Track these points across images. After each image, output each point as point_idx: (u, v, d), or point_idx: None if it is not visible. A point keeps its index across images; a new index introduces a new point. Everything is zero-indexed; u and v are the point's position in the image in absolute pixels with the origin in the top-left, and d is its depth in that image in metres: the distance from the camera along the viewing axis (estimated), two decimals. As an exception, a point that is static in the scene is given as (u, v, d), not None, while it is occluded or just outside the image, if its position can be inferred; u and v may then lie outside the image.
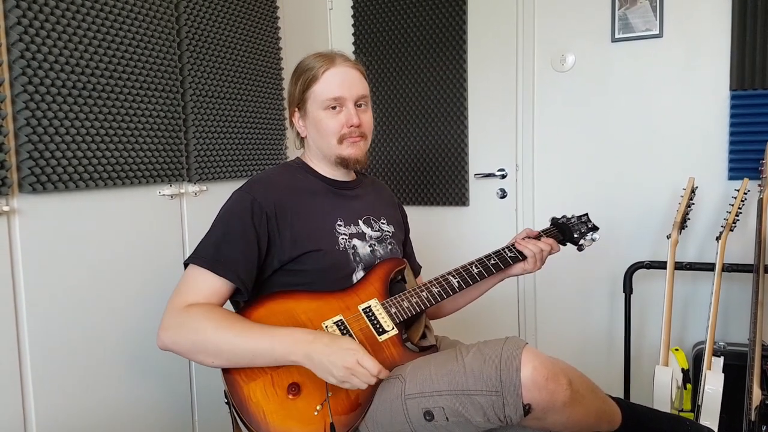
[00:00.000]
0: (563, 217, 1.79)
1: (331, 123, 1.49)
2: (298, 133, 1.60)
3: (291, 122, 1.60)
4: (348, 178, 1.61)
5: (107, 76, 1.72)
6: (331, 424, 1.25)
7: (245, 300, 1.41)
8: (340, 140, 1.50)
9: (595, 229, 1.78)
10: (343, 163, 1.54)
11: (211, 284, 1.36)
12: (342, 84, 1.49)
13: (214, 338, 1.28)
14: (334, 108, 1.49)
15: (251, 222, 1.40)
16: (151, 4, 1.86)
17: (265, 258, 1.42)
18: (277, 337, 1.29)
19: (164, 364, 1.93)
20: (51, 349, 1.60)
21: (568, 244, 1.76)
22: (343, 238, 1.50)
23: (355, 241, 1.52)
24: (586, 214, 1.81)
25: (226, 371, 1.31)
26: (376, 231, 1.58)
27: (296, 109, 1.55)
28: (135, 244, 1.84)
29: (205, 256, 1.38)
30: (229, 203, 1.47)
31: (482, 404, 1.22)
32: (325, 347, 1.24)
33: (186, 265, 1.40)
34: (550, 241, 1.65)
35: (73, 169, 1.63)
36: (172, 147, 1.95)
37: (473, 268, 1.56)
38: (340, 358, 1.21)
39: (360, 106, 1.52)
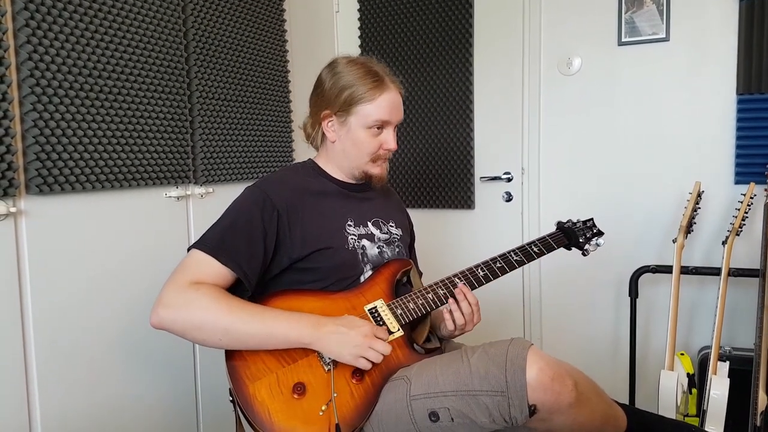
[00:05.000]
0: (569, 221, 1.80)
1: (371, 143, 1.53)
2: (322, 134, 1.58)
3: (317, 121, 1.57)
4: (358, 181, 1.62)
5: (114, 78, 1.73)
6: (337, 425, 1.25)
7: (248, 295, 1.41)
8: (374, 159, 1.55)
9: (600, 234, 1.79)
10: (367, 179, 1.59)
11: (213, 270, 1.36)
12: (391, 110, 1.53)
13: (226, 317, 1.29)
14: (377, 128, 1.52)
15: (260, 217, 1.41)
16: (158, 7, 1.87)
17: (274, 256, 1.43)
18: (291, 320, 1.32)
19: (169, 364, 1.94)
20: (56, 349, 1.60)
21: (573, 248, 1.77)
22: (352, 238, 1.51)
23: (364, 242, 1.53)
24: (592, 219, 1.82)
25: (232, 371, 1.31)
26: (384, 233, 1.60)
27: (332, 115, 1.54)
28: (141, 246, 1.85)
29: (210, 243, 1.39)
30: (240, 197, 1.48)
31: (487, 405, 1.22)
32: (339, 326, 1.32)
33: (189, 251, 1.40)
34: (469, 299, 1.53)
35: (80, 171, 1.63)
36: (179, 149, 1.95)
37: (479, 270, 1.56)
38: (356, 332, 1.31)
39: (395, 128, 1.57)
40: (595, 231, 1.80)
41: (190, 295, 1.31)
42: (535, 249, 1.65)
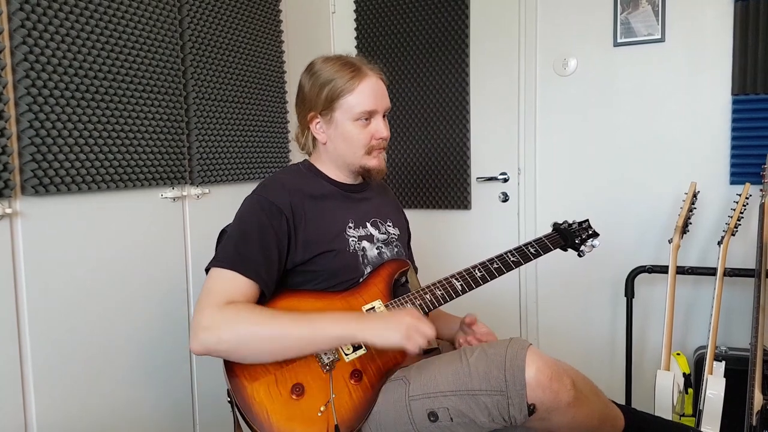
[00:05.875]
0: (564, 222, 1.80)
1: (362, 135, 1.50)
2: (313, 138, 1.57)
3: (305, 126, 1.57)
4: (356, 181, 1.62)
5: (110, 78, 1.72)
6: (336, 426, 1.25)
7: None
8: (369, 151, 1.52)
9: (595, 235, 1.80)
10: (366, 173, 1.56)
11: (235, 284, 1.34)
12: (375, 97, 1.50)
13: (271, 326, 1.29)
14: (365, 119, 1.49)
15: (269, 223, 1.40)
16: (154, 7, 1.87)
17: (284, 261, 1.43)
18: (333, 318, 1.33)
19: (165, 366, 1.93)
20: (52, 352, 1.60)
21: (569, 249, 1.78)
22: (353, 240, 1.51)
23: (364, 243, 1.53)
24: (587, 221, 1.83)
25: (230, 372, 1.31)
26: (383, 233, 1.59)
27: (317, 116, 1.52)
28: (137, 247, 1.84)
29: (226, 257, 1.37)
30: (244, 207, 1.47)
31: (487, 404, 1.23)
32: (381, 314, 1.38)
33: (207, 271, 1.39)
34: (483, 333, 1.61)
35: (76, 172, 1.63)
36: (175, 150, 1.95)
37: (476, 271, 1.56)
38: (402, 314, 1.29)
39: (384, 117, 1.54)
40: (590, 232, 1.81)
41: (228, 313, 1.29)
42: (532, 250, 1.66)
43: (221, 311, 1.29)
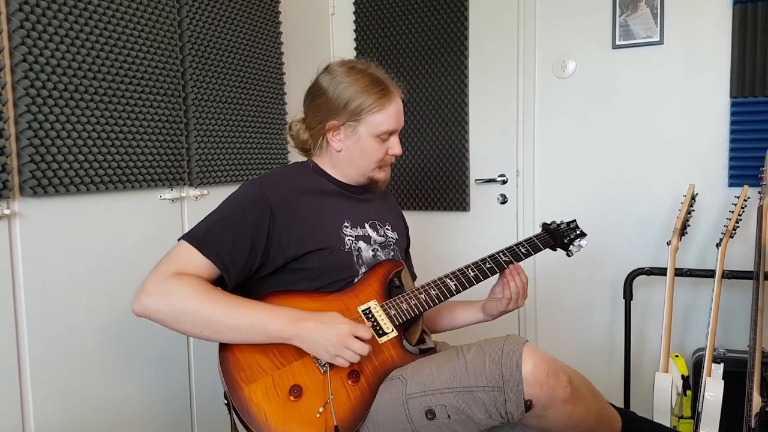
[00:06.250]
0: (553, 222, 1.82)
1: (379, 150, 1.53)
2: (327, 142, 1.55)
3: (321, 132, 1.54)
4: (358, 184, 1.62)
5: (109, 80, 1.72)
6: (336, 427, 1.25)
7: (229, 290, 1.39)
8: (380, 166, 1.56)
9: (583, 235, 1.81)
10: (373, 183, 1.59)
11: (196, 262, 1.34)
12: (398, 117, 1.54)
13: (207, 308, 1.29)
14: (385, 137, 1.52)
15: (252, 214, 1.40)
16: (153, 8, 1.87)
17: (267, 255, 1.42)
18: (272, 312, 1.31)
19: (164, 366, 1.93)
20: (50, 352, 1.60)
21: (558, 249, 1.78)
22: (349, 239, 1.51)
23: (361, 244, 1.53)
24: (575, 221, 1.84)
25: (227, 373, 1.30)
26: (380, 236, 1.60)
27: (339, 126, 1.51)
28: (135, 248, 1.84)
29: (196, 235, 1.38)
30: (237, 192, 1.47)
31: (484, 400, 1.23)
32: (317, 324, 1.29)
33: (178, 241, 1.40)
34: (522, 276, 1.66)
35: (74, 173, 1.63)
36: (174, 151, 1.95)
37: (469, 271, 1.56)
38: (333, 331, 1.27)
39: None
40: (578, 232, 1.81)
41: (171, 285, 1.30)
42: (523, 250, 1.67)
43: (166, 281, 1.30)
